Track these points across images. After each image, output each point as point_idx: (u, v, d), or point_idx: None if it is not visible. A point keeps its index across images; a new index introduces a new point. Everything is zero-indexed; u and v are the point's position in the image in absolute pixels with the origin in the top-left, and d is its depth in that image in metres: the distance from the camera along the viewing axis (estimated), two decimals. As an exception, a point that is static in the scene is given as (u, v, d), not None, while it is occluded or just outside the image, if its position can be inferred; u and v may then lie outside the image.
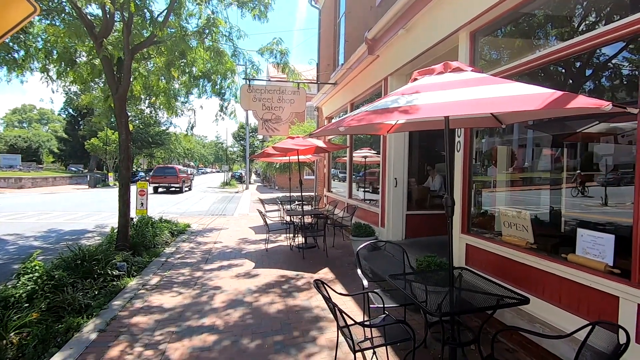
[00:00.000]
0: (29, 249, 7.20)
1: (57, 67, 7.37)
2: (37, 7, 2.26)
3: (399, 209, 6.71)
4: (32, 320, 3.50)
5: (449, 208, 2.65)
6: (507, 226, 3.70)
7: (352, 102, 9.27)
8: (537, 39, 3.86)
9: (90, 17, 6.38)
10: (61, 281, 4.30)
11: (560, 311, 2.96)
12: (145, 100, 9.58)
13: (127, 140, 6.46)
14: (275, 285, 5.00)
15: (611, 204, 3.38)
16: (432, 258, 3.92)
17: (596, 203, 3.78)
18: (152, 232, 7.35)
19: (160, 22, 6.19)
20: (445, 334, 2.72)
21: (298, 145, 6.79)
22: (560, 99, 1.66)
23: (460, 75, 2.42)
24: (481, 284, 2.83)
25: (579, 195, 3.82)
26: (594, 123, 3.64)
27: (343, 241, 7.71)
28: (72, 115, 44.82)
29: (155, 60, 8.11)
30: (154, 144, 41.22)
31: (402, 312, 3.51)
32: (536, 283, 3.23)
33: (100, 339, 3.43)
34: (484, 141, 4.82)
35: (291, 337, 3.50)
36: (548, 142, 4.43)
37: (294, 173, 16.57)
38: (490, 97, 1.97)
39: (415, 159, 7.19)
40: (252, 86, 9.17)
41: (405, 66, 6.02)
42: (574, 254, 2.93)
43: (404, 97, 2.22)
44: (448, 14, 4.57)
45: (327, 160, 12.42)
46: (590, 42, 2.88)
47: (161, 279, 5.23)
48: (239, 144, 44.89)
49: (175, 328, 3.68)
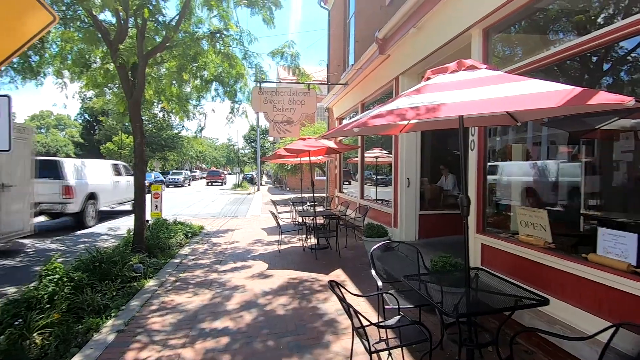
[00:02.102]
0: (47, 251, 7.39)
1: (71, 73, 7.56)
2: (56, 16, 2.32)
3: (411, 209, 6.66)
4: (54, 321, 3.58)
5: (465, 208, 2.62)
6: (524, 225, 3.63)
7: (363, 103, 9.24)
8: (552, 35, 3.79)
9: (105, 25, 6.53)
10: (80, 283, 4.40)
11: (580, 312, 2.90)
12: (158, 105, 9.75)
13: (142, 144, 6.57)
14: (289, 287, 5.02)
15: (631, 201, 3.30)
16: (447, 258, 3.87)
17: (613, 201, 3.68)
18: (166, 234, 7.46)
19: (173, 26, 6.29)
20: (462, 335, 2.69)
21: (309, 146, 6.80)
22: (581, 95, 1.62)
23: (474, 74, 2.39)
24: (498, 284, 2.78)
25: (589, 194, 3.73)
26: (612, 119, 3.55)
27: (355, 242, 7.69)
28: (88, 120, 45.92)
29: (167, 65, 8.25)
30: (167, 148, 41.84)
31: (417, 313, 3.47)
32: (555, 283, 3.16)
33: (118, 339, 3.50)
34: (498, 139, 4.75)
35: (306, 338, 3.50)
36: (564, 139, 4.34)
37: (305, 174, 16.62)
38: (507, 96, 1.94)
39: (427, 159, 7.12)
40: (263, 88, 9.24)
41: (416, 65, 5.98)
42: (595, 254, 2.86)
43: (418, 97, 2.20)
44: (460, 11, 4.52)
45: (338, 161, 12.42)
46: (608, 37, 2.81)
47: (177, 280, 5.30)
48: (250, 146, 45.24)
49: (191, 329, 3.73)
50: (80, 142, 47.18)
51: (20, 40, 2.16)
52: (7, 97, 2.30)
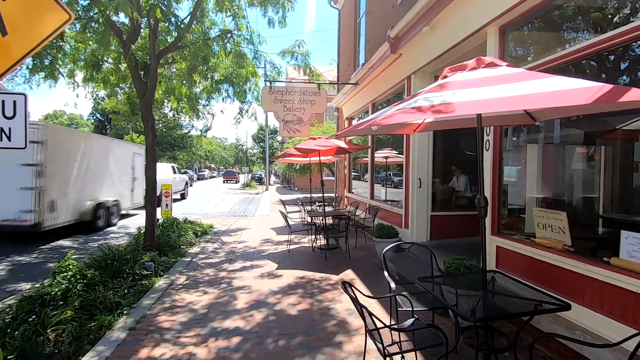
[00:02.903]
0: (60, 248, 7.49)
1: (84, 73, 7.65)
2: (71, 15, 2.32)
3: (423, 209, 6.57)
4: (67, 318, 3.61)
5: (482, 209, 2.56)
6: (542, 228, 3.54)
7: (374, 102, 9.17)
8: (569, 34, 3.69)
9: (118, 25, 6.59)
10: (93, 280, 4.44)
11: (602, 318, 2.80)
12: (168, 105, 9.82)
13: (153, 143, 6.62)
14: (298, 287, 4.99)
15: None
16: (462, 260, 3.80)
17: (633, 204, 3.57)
18: (177, 233, 7.50)
19: (184, 27, 6.32)
20: (478, 339, 2.62)
21: (320, 146, 6.77)
22: (612, 92, 1.55)
23: (494, 71, 2.32)
24: (515, 288, 2.71)
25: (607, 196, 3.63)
26: (636, 119, 3.44)
27: (365, 242, 7.63)
28: (100, 120, 46.60)
29: (177, 65, 8.30)
30: (177, 147, 42.24)
31: (429, 315, 3.41)
32: (575, 288, 3.07)
33: (130, 337, 3.51)
34: (514, 139, 4.65)
35: (317, 339, 3.47)
36: (580, 139, 4.23)
37: (314, 174, 16.58)
38: (530, 93, 1.88)
39: (438, 159, 7.02)
40: (273, 88, 9.23)
41: (429, 64, 5.90)
42: (617, 258, 2.76)
43: (435, 95, 2.15)
44: (476, 9, 4.44)
45: (347, 161, 12.35)
46: (626, 36, 2.72)
47: (187, 279, 5.31)
48: (259, 146, 45.41)
49: (202, 327, 3.72)
50: (92, 142, 47.87)
51: (35, 39, 2.17)
52: (24, 95, 2.31)
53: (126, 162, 11.87)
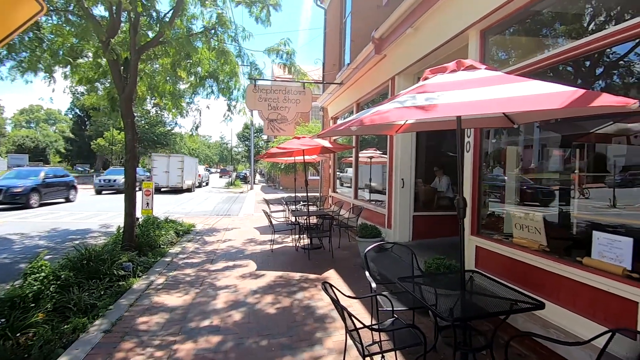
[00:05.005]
0: (35, 248, 7.22)
1: (62, 67, 7.39)
2: (44, 6, 2.24)
3: (406, 210, 6.64)
4: (38, 321, 3.48)
5: (461, 209, 2.59)
6: (519, 228, 3.62)
7: (358, 102, 9.21)
8: (548, 38, 3.78)
9: (97, 18, 6.39)
10: (67, 281, 4.29)
11: (575, 316, 2.88)
12: (151, 101, 9.60)
13: (133, 140, 6.46)
14: (280, 286, 4.96)
15: (620, 205, 3.31)
16: (442, 260, 3.85)
17: (604, 205, 3.69)
18: (157, 232, 7.34)
19: (166, 22, 6.18)
20: (456, 338, 2.66)
21: (304, 145, 6.74)
22: (584, 97, 1.59)
23: (473, 74, 2.35)
24: (493, 287, 2.76)
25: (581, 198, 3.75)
26: (608, 123, 3.56)
27: (349, 242, 7.65)
28: (79, 115, 45.30)
29: (160, 61, 8.12)
30: (159, 144, 41.43)
31: (410, 315, 3.44)
32: (550, 287, 3.15)
33: (106, 339, 3.41)
34: (493, 141, 4.74)
35: (298, 339, 3.45)
36: (557, 142, 4.35)
37: (299, 173, 16.52)
38: (507, 97, 1.91)
39: (421, 160, 7.10)
40: (258, 86, 9.13)
41: (412, 66, 5.96)
42: (590, 258, 2.85)
43: (416, 96, 2.16)
44: (458, 12, 4.50)
45: (332, 161, 12.37)
46: (601, 42, 2.81)
47: (167, 279, 5.21)
48: (244, 144, 45.04)
49: (181, 329, 3.65)
50: (70, 138, 46.48)
51: (5, 30, 2.09)
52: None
53: (192, 166, 25.85)
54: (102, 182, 21.33)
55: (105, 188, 21.15)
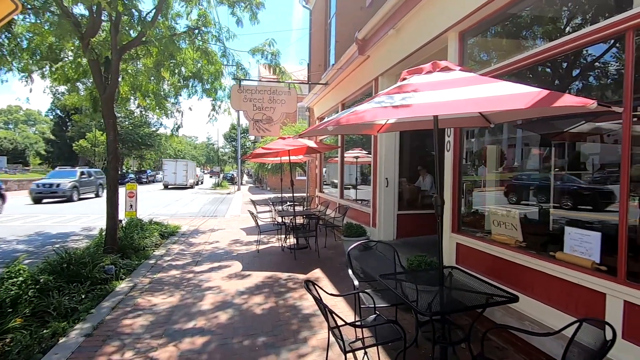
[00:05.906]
0: (14, 252, 7.04)
1: (41, 67, 7.22)
2: (19, 5, 2.21)
3: (390, 208, 6.73)
4: (16, 326, 3.40)
5: (439, 207, 2.66)
6: (497, 225, 3.73)
7: (343, 102, 9.27)
8: (525, 39, 3.91)
9: (77, 16, 6.27)
10: (47, 285, 4.20)
11: (548, 309, 2.99)
12: (135, 102, 9.45)
13: (115, 141, 6.36)
14: (266, 287, 4.96)
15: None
16: (423, 257, 3.93)
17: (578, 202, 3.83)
18: (141, 234, 7.24)
19: (148, 22, 6.10)
20: (435, 333, 2.73)
21: (289, 146, 6.76)
22: (547, 98, 1.67)
23: (448, 75, 2.42)
24: (471, 282, 2.84)
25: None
26: (580, 123, 3.70)
27: (335, 241, 7.70)
28: (60, 116, 44.09)
29: (143, 61, 8.01)
30: (144, 146, 40.74)
31: (394, 311, 3.51)
32: (525, 281, 3.26)
33: (87, 343, 3.36)
34: (473, 141, 4.86)
35: (282, 338, 3.47)
36: (537, 141, 4.49)
37: (285, 174, 16.53)
38: (478, 97, 1.98)
39: (405, 159, 7.21)
40: (243, 87, 9.10)
41: (395, 66, 6.04)
42: (562, 252, 2.96)
43: (393, 96, 2.21)
44: (437, 14, 4.60)
45: (318, 161, 12.41)
46: (577, 42, 2.92)
47: (151, 282, 5.15)
48: (231, 145, 44.70)
49: (165, 331, 3.62)
50: (51, 139, 45.22)
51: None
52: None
53: (193, 169, 32.13)
54: (40, 188, 16.36)
55: (46, 195, 16.37)
